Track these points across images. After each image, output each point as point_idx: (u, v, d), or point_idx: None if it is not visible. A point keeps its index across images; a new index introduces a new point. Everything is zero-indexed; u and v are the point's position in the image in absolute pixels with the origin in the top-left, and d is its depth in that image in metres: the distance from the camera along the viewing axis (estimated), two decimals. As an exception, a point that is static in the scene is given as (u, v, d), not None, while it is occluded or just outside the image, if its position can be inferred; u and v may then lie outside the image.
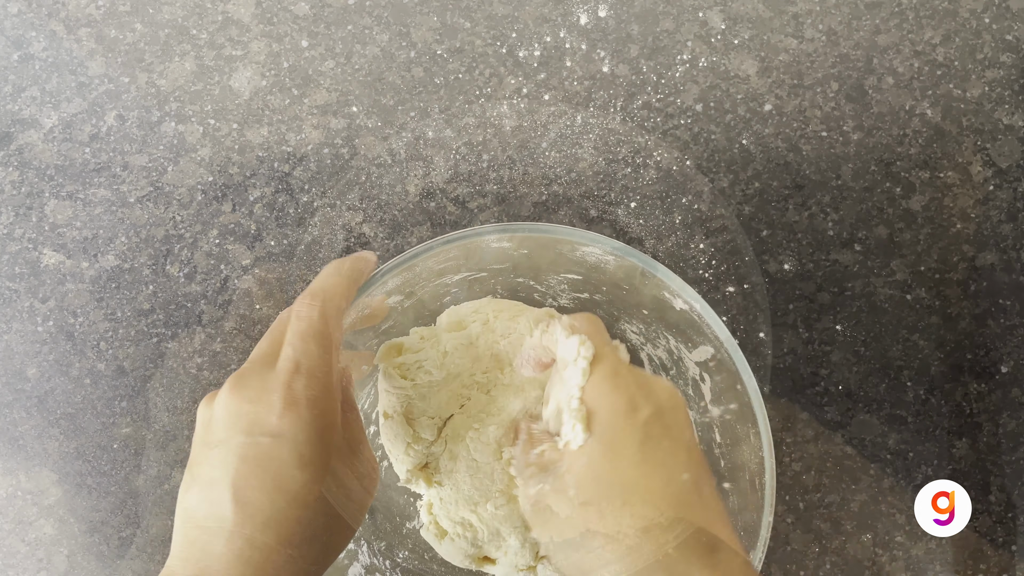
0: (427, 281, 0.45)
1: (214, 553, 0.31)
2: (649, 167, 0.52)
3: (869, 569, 0.50)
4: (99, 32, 0.54)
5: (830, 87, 0.52)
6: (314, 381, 0.33)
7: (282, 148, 0.53)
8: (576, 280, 0.47)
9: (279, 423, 0.32)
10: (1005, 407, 0.50)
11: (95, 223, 0.53)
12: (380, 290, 0.42)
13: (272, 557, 0.31)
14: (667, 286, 0.41)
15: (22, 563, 0.52)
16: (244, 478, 0.31)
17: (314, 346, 0.34)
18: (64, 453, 0.52)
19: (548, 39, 0.53)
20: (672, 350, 0.46)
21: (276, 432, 0.32)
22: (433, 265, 0.44)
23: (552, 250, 0.43)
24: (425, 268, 0.43)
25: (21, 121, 0.54)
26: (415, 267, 0.42)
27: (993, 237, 0.51)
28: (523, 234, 0.41)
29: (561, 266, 0.45)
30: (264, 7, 0.54)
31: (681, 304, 0.42)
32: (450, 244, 0.41)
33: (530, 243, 0.43)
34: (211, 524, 0.31)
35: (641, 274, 0.42)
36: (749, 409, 0.41)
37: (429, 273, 0.45)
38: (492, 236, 0.41)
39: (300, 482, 0.32)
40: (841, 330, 0.51)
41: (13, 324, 0.53)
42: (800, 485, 0.50)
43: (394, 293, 0.44)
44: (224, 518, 0.31)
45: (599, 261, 0.43)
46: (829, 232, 0.51)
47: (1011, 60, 0.52)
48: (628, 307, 0.46)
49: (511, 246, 0.43)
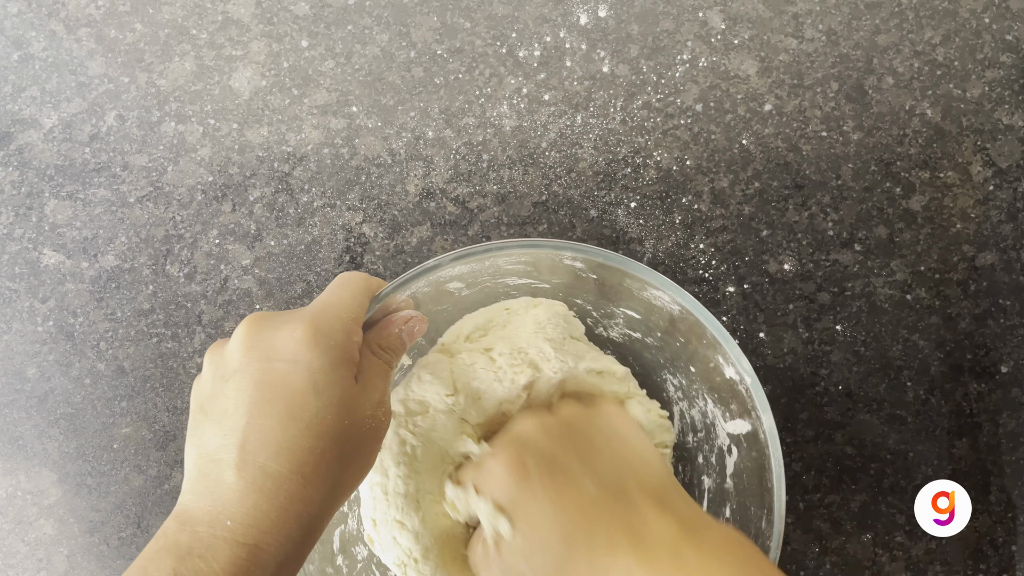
0: (491, 277, 0.45)
1: (226, 482, 0.30)
2: (649, 167, 0.52)
3: (869, 569, 0.50)
4: (99, 32, 0.54)
5: (830, 87, 0.52)
6: (337, 322, 0.34)
7: (282, 148, 0.53)
8: (634, 318, 0.45)
9: (297, 348, 0.32)
10: (1005, 407, 0.50)
11: (95, 223, 0.53)
12: (448, 272, 0.41)
13: (284, 485, 0.31)
14: (724, 352, 0.40)
15: (22, 563, 0.52)
16: (258, 405, 0.31)
17: (347, 293, 0.35)
18: (64, 453, 0.52)
19: (548, 39, 0.53)
20: (707, 414, 0.45)
21: (293, 358, 0.32)
22: (503, 263, 0.43)
23: (621, 282, 0.42)
24: (493, 264, 0.43)
25: (21, 121, 0.54)
26: (484, 260, 0.41)
27: (993, 237, 0.51)
28: (599, 260, 0.41)
29: (624, 299, 0.44)
30: (264, 7, 0.54)
31: (732, 373, 0.41)
32: (525, 249, 0.41)
33: (602, 270, 0.42)
34: (224, 455, 0.31)
35: (701, 334, 0.41)
36: (769, 495, 0.40)
37: (495, 270, 0.44)
38: (568, 253, 0.41)
39: (313, 410, 0.32)
40: (841, 330, 0.51)
41: (13, 324, 0.53)
42: (800, 485, 0.50)
43: (456, 280, 0.43)
44: (237, 447, 0.31)
45: (664, 307, 0.42)
46: (829, 232, 0.51)
47: (1011, 60, 0.52)
48: (676, 360, 0.45)
49: (582, 267, 0.42)
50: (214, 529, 0.30)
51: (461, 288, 0.45)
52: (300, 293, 0.52)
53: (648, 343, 0.46)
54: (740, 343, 0.51)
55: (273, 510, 0.30)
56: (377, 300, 0.38)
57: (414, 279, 0.39)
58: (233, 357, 0.33)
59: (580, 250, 0.40)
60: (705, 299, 0.51)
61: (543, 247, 0.41)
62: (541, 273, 0.44)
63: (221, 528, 0.30)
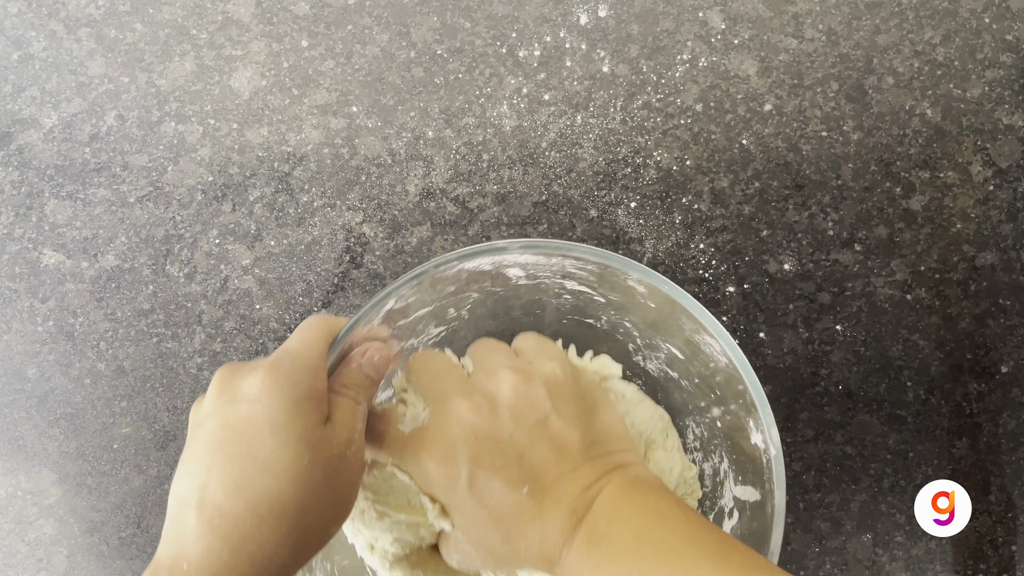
0: (551, 276, 0.44)
1: (188, 525, 0.31)
2: (649, 167, 0.52)
3: (869, 569, 0.50)
4: (99, 32, 0.54)
5: (830, 87, 0.52)
6: (299, 361, 0.34)
7: (282, 148, 0.53)
8: (676, 357, 0.44)
9: (259, 388, 0.33)
10: (1005, 407, 0.50)
11: (95, 223, 0.53)
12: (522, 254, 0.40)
13: (239, 525, 0.31)
14: (758, 418, 0.39)
15: (22, 563, 0.52)
16: (221, 446, 0.32)
17: (308, 335, 0.35)
18: (64, 453, 0.52)
19: (548, 39, 0.53)
20: (719, 472, 0.44)
21: (255, 397, 0.32)
22: (568, 265, 0.42)
23: (677, 319, 0.41)
24: (559, 264, 0.42)
25: (21, 121, 0.54)
26: (551, 256, 0.41)
27: (993, 237, 0.51)
28: (664, 291, 0.39)
29: (673, 336, 0.43)
30: (264, 7, 0.54)
31: (759, 441, 0.40)
32: (598, 258, 0.39)
33: (660, 299, 0.41)
34: (190, 498, 0.31)
35: (740, 394, 0.40)
36: None
37: (558, 269, 0.43)
38: (636, 275, 0.40)
39: (270, 448, 0.32)
40: (841, 330, 0.51)
41: (13, 324, 0.53)
42: (800, 485, 0.50)
43: (517, 267, 0.43)
44: (199, 488, 0.31)
45: (712, 355, 0.41)
46: (829, 232, 0.51)
47: (1011, 60, 0.52)
48: (705, 411, 0.44)
49: (643, 291, 0.41)
50: (172, 574, 0.30)
51: (523, 277, 0.44)
52: (300, 293, 0.52)
53: (683, 385, 0.45)
54: (740, 343, 0.51)
55: (226, 551, 0.30)
56: (336, 342, 0.37)
57: (371, 311, 0.38)
58: (206, 405, 0.34)
59: (647, 274, 0.39)
60: (705, 299, 0.51)
61: (612, 262, 0.39)
62: (603, 287, 0.43)
63: (178, 573, 0.30)
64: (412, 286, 0.39)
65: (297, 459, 0.32)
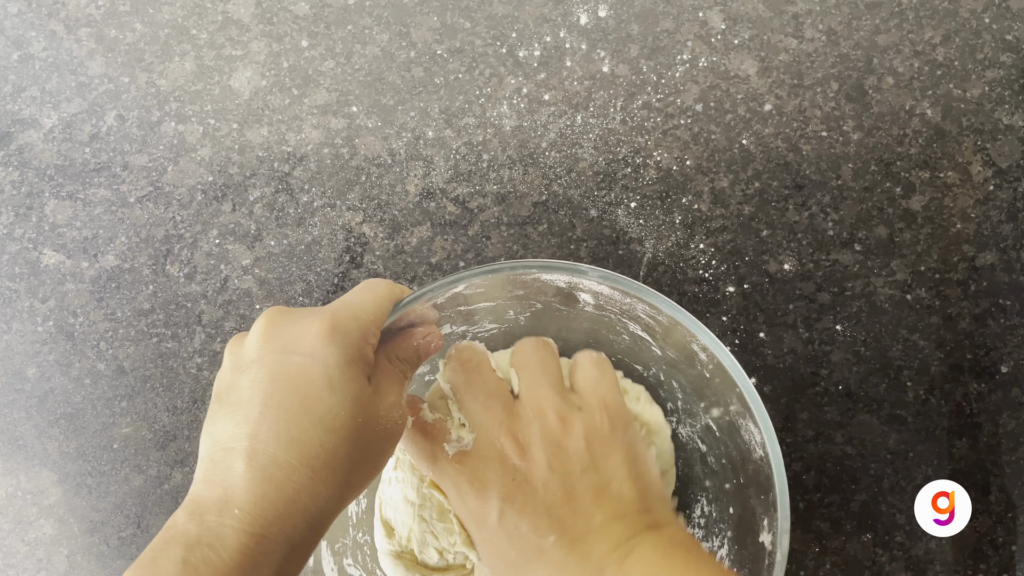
0: (618, 312, 0.43)
1: (237, 471, 0.31)
2: (649, 167, 0.52)
3: (869, 569, 0.50)
4: (99, 32, 0.54)
5: (830, 87, 0.52)
6: (355, 322, 0.34)
7: (282, 148, 0.53)
8: (713, 432, 0.43)
9: (314, 343, 0.32)
10: (1005, 407, 0.50)
11: (95, 223, 0.53)
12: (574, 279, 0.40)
13: (293, 477, 0.31)
14: (774, 521, 0.38)
15: (22, 563, 0.52)
16: (273, 397, 0.32)
17: (370, 296, 0.35)
18: (64, 453, 0.52)
19: (548, 39, 0.53)
20: (714, 553, 0.43)
21: (310, 352, 0.32)
22: (639, 309, 0.41)
23: (725, 394, 0.40)
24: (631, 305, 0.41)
25: (21, 121, 0.54)
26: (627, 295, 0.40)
27: (993, 237, 0.51)
28: (726, 367, 0.38)
29: (717, 409, 0.42)
30: (264, 7, 0.54)
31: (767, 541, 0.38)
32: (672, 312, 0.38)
33: (720, 373, 0.40)
34: (236, 444, 0.31)
35: (766, 488, 0.39)
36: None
37: (627, 309, 0.42)
38: (705, 341, 0.39)
39: (327, 405, 0.32)
40: (841, 330, 0.51)
41: (13, 324, 0.53)
42: (800, 485, 0.50)
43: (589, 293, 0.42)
44: (249, 436, 0.31)
45: (748, 442, 0.40)
46: (829, 232, 0.51)
47: (1011, 60, 0.52)
48: (721, 493, 0.44)
49: (704, 358, 0.41)
50: (223, 518, 0.30)
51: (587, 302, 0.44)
52: (300, 293, 0.52)
53: (709, 461, 0.45)
54: (740, 343, 0.51)
55: (281, 501, 0.30)
56: (399, 307, 0.38)
57: (440, 289, 0.39)
58: (251, 349, 0.34)
59: (716, 346, 0.38)
60: (705, 299, 0.51)
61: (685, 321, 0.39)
62: (663, 339, 0.43)
63: (230, 517, 0.30)
64: (486, 278, 0.39)
65: (352, 417, 0.32)
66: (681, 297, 0.51)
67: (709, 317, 0.51)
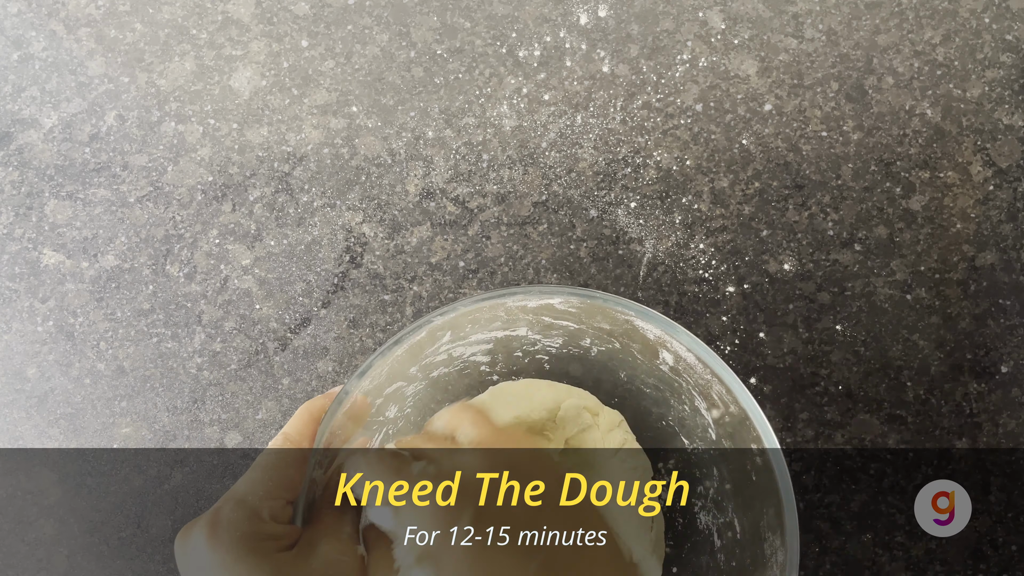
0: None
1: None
2: (649, 167, 0.52)
3: (869, 569, 0.50)
4: (99, 32, 0.54)
5: (830, 87, 0.52)
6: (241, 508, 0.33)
7: (282, 148, 0.53)
8: (725, 488, 0.43)
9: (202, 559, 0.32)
10: (1005, 407, 0.50)
11: (95, 223, 0.53)
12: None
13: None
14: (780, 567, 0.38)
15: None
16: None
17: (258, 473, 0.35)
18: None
19: (548, 39, 0.53)
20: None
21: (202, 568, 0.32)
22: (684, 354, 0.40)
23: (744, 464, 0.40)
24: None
25: (21, 121, 0.54)
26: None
27: (993, 237, 0.51)
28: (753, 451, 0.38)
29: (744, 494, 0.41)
30: (264, 7, 0.54)
31: None
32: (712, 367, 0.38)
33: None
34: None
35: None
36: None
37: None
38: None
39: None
40: (841, 330, 0.51)
41: (13, 324, 0.53)
42: (800, 485, 0.50)
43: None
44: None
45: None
46: (829, 232, 0.51)
47: (1011, 60, 0.52)
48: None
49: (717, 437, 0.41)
50: None
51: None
52: (300, 293, 0.52)
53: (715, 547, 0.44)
54: (740, 343, 0.51)
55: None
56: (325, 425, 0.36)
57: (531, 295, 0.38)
58: None
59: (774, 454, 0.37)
60: (705, 299, 0.51)
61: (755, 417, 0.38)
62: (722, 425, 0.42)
63: None
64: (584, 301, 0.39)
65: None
66: (681, 297, 0.51)
67: (709, 317, 0.51)
